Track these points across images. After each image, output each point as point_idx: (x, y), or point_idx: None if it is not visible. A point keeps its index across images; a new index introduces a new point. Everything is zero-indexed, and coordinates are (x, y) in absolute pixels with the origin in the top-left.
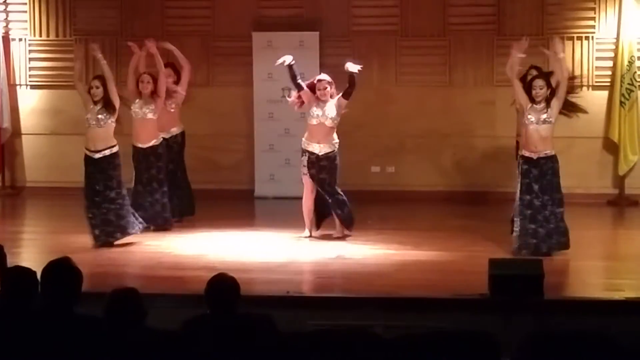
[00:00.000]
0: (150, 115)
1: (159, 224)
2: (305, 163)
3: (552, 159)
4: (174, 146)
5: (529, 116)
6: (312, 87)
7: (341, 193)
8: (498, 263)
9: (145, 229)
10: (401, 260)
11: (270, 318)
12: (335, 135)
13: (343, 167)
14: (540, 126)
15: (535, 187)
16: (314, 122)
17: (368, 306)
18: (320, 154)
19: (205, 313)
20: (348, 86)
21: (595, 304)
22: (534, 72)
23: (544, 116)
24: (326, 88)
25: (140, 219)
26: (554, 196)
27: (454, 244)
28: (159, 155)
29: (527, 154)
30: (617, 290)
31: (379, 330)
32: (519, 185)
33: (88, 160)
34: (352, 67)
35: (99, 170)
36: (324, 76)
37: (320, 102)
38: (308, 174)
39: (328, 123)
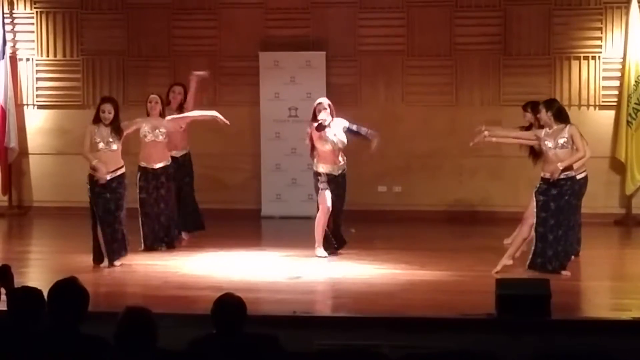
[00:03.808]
0: (161, 138)
1: (166, 242)
2: (325, 179)
3: (572, 180)
4: (185, 163)
5: (546, 142)
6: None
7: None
8: (505, 283)
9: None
10: (408, 280)
11: (276, 338)
12: (342, 156)
13: (350, 186)
14: (558, 150)
15: (552, 205)
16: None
17: (375, 326)
18: (336, 173)
19: (211, 333)
20: (357, 133)
21: (602, 324)
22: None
23: (562, 141)
24: (326, 110)
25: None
26: (571, 218)
27: (461, 263)
28: (170, 175)
29: (547, 175)
30: (624, 310)
31: (385, 350)
32: (533, 203)
33: (97, 180)
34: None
35: (110, 190)
36: (322, 99)
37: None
38: (329, 188)
39: (340, 145)
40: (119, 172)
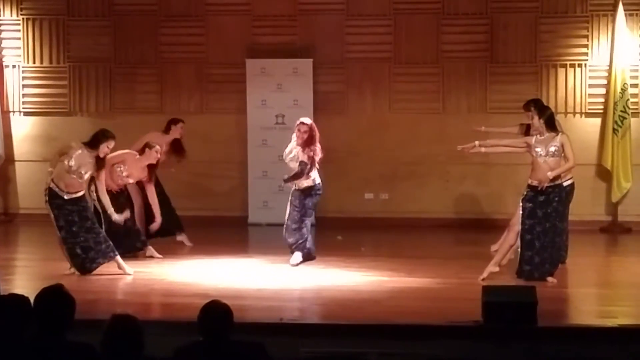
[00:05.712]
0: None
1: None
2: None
3: (560, 187)
4: None
5: (537, 149)
6: None
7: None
8: (492, 290)
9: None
10: (394, 287)
11: (263, 345)
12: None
13: (336, 193)
14: (549, 158)
15: (539, 212)
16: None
17: (361, 333)
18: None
19: (198, 340)
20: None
21: (588, 331)
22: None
23: (552, 149)
24: (306, 132)
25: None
26: (557, 225)
27: (447, 271)
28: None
29: (534, 183)
30: (610, 318)
31: (372, 357)
32: (520, 210)
33: (56, 195)
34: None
35: (69, 203)
36: (307, 120)
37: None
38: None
39: (293, 165)
40: (77, 195)
